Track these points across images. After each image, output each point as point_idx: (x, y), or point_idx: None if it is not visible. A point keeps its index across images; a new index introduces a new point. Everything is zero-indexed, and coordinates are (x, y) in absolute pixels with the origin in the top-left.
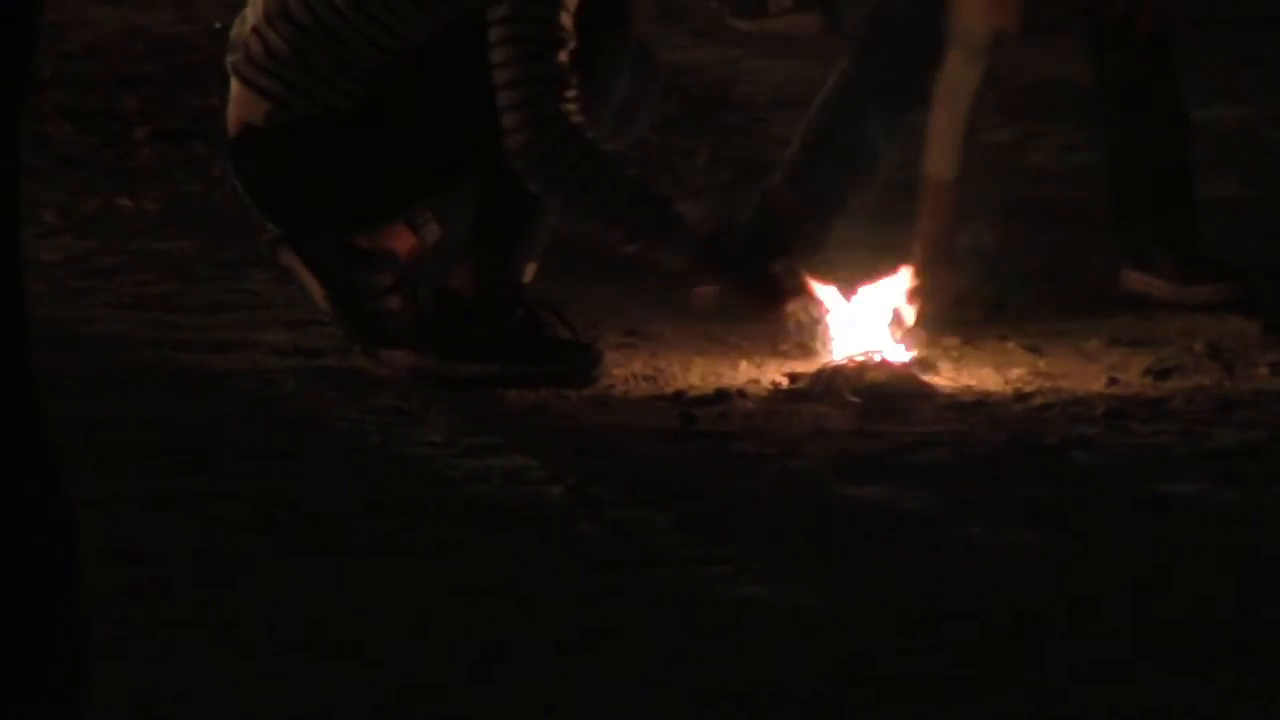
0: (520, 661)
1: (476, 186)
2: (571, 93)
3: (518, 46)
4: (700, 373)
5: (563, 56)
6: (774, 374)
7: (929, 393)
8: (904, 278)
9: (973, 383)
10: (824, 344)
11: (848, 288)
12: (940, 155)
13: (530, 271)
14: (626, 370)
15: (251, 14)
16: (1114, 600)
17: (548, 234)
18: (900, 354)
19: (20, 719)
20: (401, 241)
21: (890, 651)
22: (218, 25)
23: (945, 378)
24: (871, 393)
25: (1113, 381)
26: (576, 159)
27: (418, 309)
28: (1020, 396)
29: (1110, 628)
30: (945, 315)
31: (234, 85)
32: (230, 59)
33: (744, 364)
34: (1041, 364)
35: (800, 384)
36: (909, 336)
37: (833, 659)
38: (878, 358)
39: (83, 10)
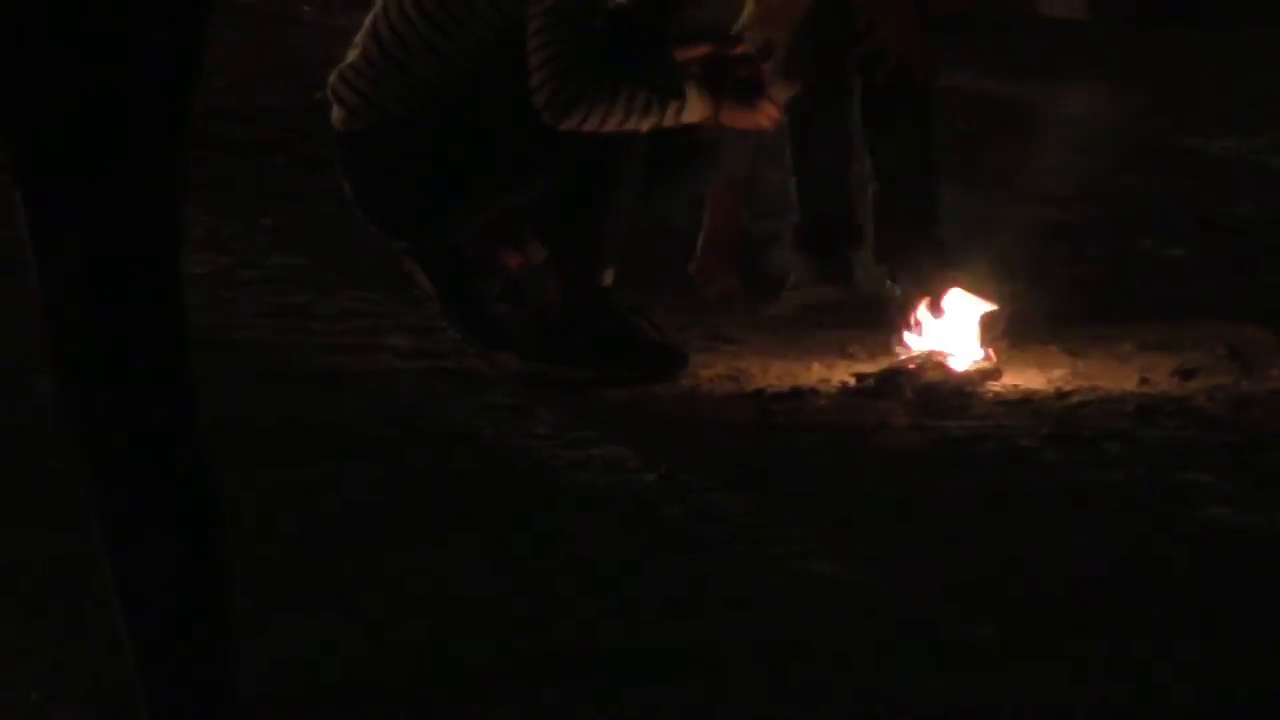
0: (620, 628)
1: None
2: (592, 59)
3: (549, 30)
4: (777, 373)
5: (591, 40)
6: (843, 374)
7: (979, 391)
8: (959, 293)
9: (1018, 382)
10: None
11: (907, 298)
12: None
13: (609, 276)
14: (711, 371)
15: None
16: (1144, 574)
17: (619, 240)
18: (955, 357)
19: (173, 678)
20: (509, 258)
21: (946, 620)
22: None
23: (994, 378)
24: (928, 391)
25: (1143, 381)
26: (596, 107)
27: (524, 317)
28: (1060, 394)
29: (1142, 599)
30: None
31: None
32: (330, 78)
33: (816, 365)
34: (1079, 366)
35: (866, 383)
36: (964, 342)
37: (894, 626)
38: (935, 360)
39: (229, 51)
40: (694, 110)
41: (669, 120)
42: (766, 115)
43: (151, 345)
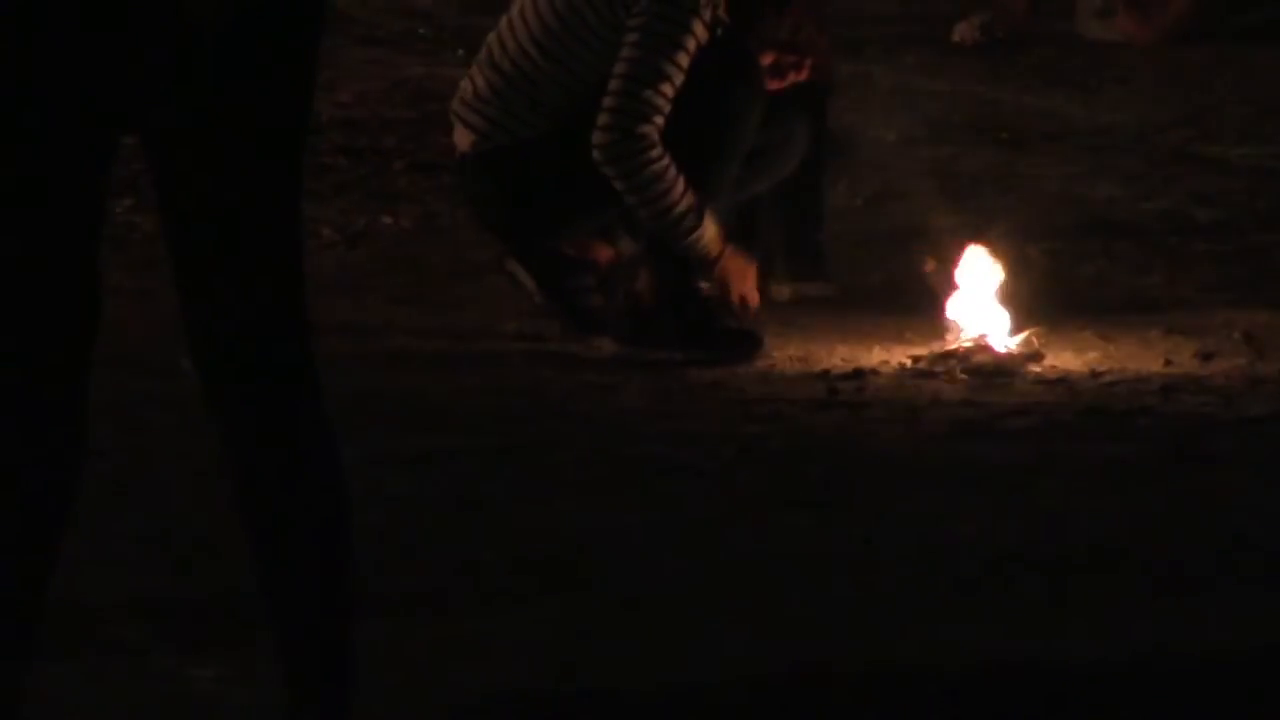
0: (704, 583)
1: None
2: (659, 119)
3: (633, 69)
4: (842, 355)
5: (666, 89)
6: (900, 356)
7: (1022, 371)
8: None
9: (1056, 363)
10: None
11: (957, 288)
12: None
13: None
14: (783, 353)
15: (473, 64)
16: (1172, 533)
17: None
18: (998, 339)
19: (302, 635)
20: (602, 253)
21: (996, 576)
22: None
23: (1035, 360)
24: (977, 371)
25: (1168, 363)
26: (638, 171)
27: (616, 305)
28: (1094, 374)
29: (1170, 557)
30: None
31: (454, 122)
32: (452, 101)
33: (876, 348)
34: (1111, 349)
35: (921, 364)
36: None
37: (947, 582)
38: (983, 344)
39: (353, 66)
40: (707, 245)
41: (677, 235)
42: (751, 295)
43: (289, 325)
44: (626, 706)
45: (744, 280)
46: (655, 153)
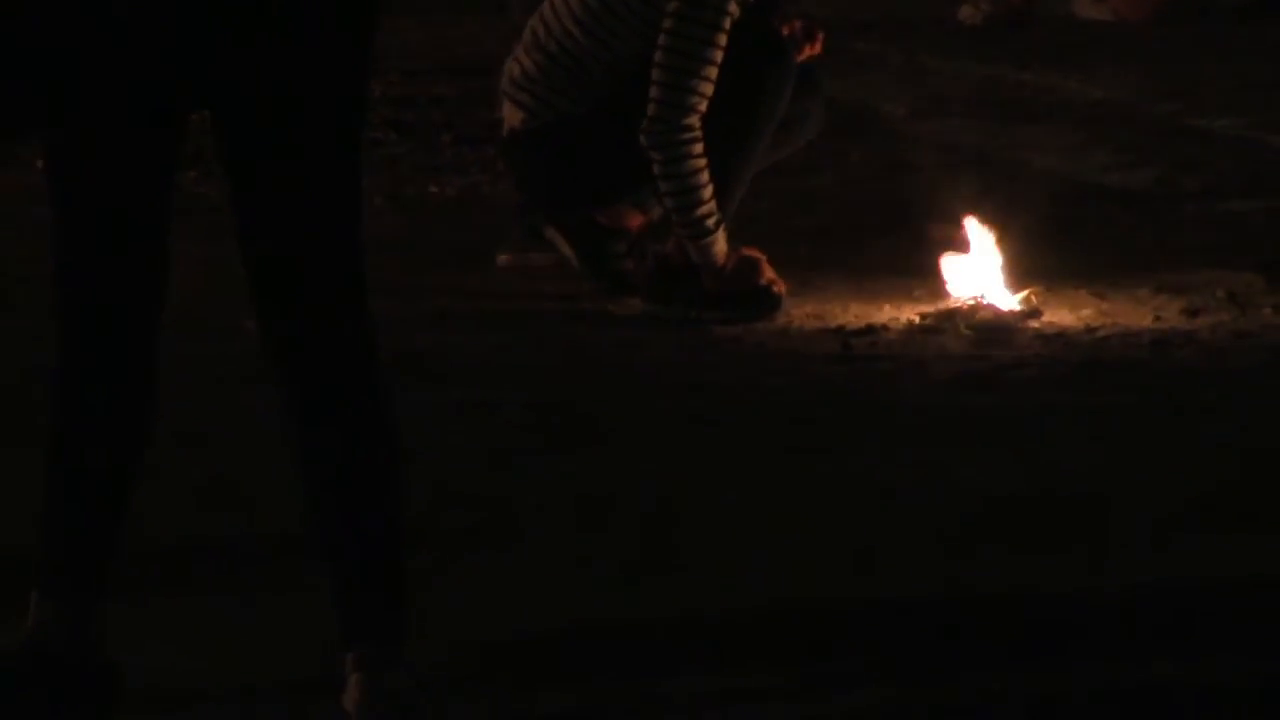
0: (734, 519)
1: None
2: (703, 108)
3: (675, 60)
4: (855, 312)
5: (708, 77)
6: (909, 313)
7: (1022, 327)
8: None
9: (1054, 320)
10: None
11: (961, 250)
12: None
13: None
14: (800, 311)
15: (517, 46)
16: (1162, 477)
17: (731, 211)
18: (1001, 298)
19: (355, 575)
20: (633, 220)
21: (996, 516)
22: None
23: (1034, 317)
24: (980, 327)
25: (1157, 319)
26: (681, 161)
27: (646, 268)
28: (1089, 330)
29: (1160, 498)
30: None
31: (504, 101)
32: (501, 82)
33: (887, 306)
34: (1104, 306)
35: (928, 321)
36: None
37: (954, 521)
38: (985, 302)
39: (402, 46)
40: (716, 253)
41: (696, 233)
42: (777, 281)
43: (349, 289)
44: (656, 638)
45: (763, 269)
46: (697, 148)
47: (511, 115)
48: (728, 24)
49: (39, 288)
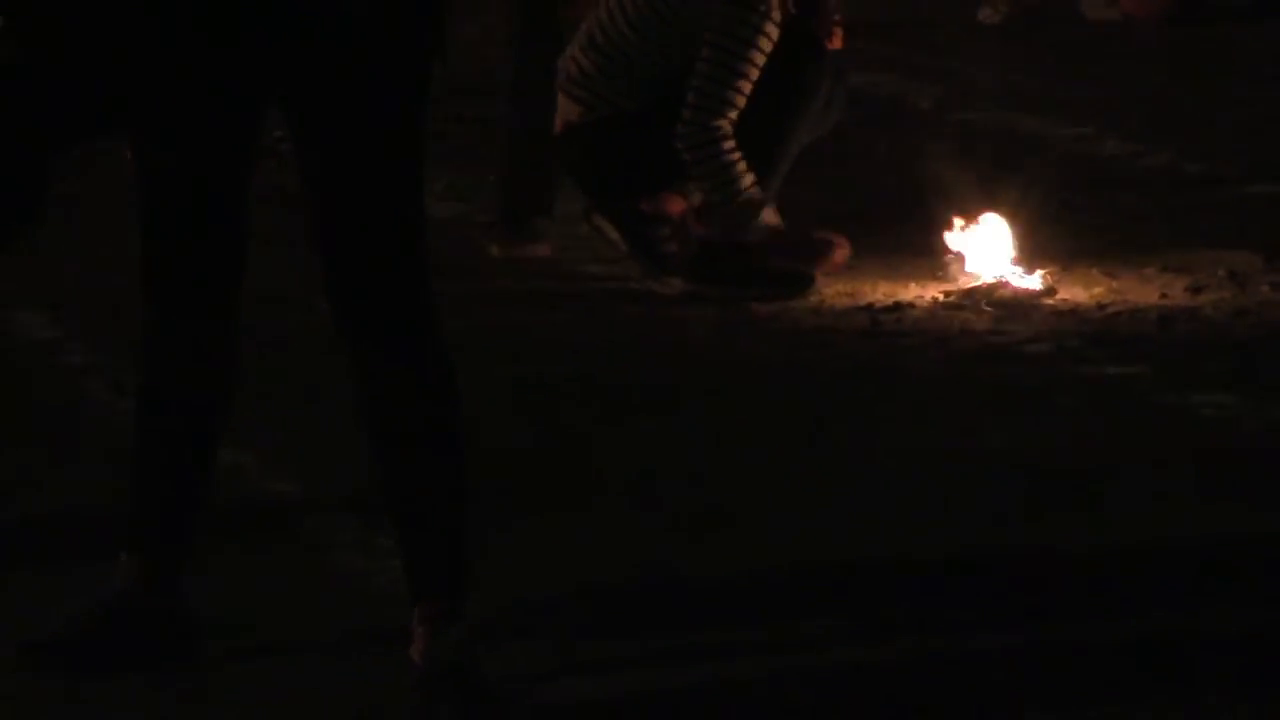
0: (765, 481)
1: None
2: (733, 114)
3: (713, 69)
4: (883, 291)
5: (743, 86)
6: (934, 292)
7: (1038, 304)
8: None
9: (1068, 297)
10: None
11: (982, 233)
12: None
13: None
14: (832, 289)
15: (572, 45)
16: (1169, 442)
17: (773, 199)
18: (1019, 277)
19: (420, 530)
20: (675, 205)
21: (1016, 479)
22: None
23: (1048, 295)
24: (1000, 304)
25: (1163, 296)
26: (711, 159)
27: (689, 250)
28: (1100, 306)
29: (1167, 461)
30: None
31: (560, 96)
32: (558, 79)
33: (913, 285)
34: (1114, 284)
35: (951, 298)
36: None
37: (976, 482)
38: (1004, 281)
39: (461, 45)
40: (765, 222)
41: (740, 217)
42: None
43: (413, 271)
44: (704, 594)
45: (827, 255)
46: (727, 144)
47: (568, 110)
48: (766, 45)
49: None
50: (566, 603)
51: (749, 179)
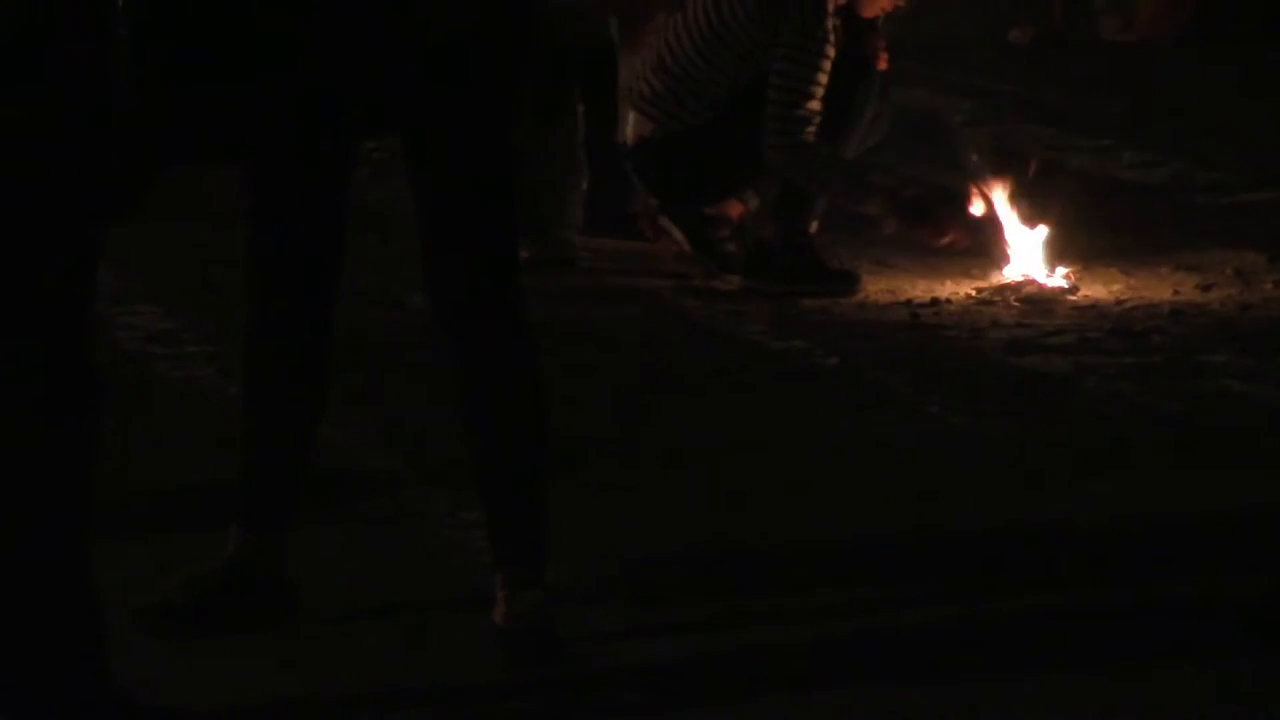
0: (815, 460)
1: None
2: (813, 127)
3: (784, 93)
4: (922, 287)
5: (816, 102)
6: (968, 288)
7: (1061, 300)
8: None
9: (1089, 293)
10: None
11: (1014, 236)
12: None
13: (814, 226)
14: (875, 287)
15: (642, 68)
16: (1182, 425)
17: (822, 205)
18: (1044, 276)
19: (507, 495)
20: (734, 208)
21: (1040, 459)
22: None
23: (1071, 291)
24: (1027, 300)
25: (1175, 292)
26: (810, 167)
27: (747, 250)
28: (1118, 301)
29: (1181, 442)
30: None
31: (632, 114)
32: (631, 97)
33: (948, 282)
34: (1131, 281)
35: (984, 294)
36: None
37: (1007, 462)
38: (1031, 278)
39: None
40: (876, 190)
41: (856, 197)
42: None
43: (505, 269)
44: (766, 558)
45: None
46: (822, 150)
47: (641, 126)
48: (830, 55)
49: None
50: (633, 570)
51: (842, 164)
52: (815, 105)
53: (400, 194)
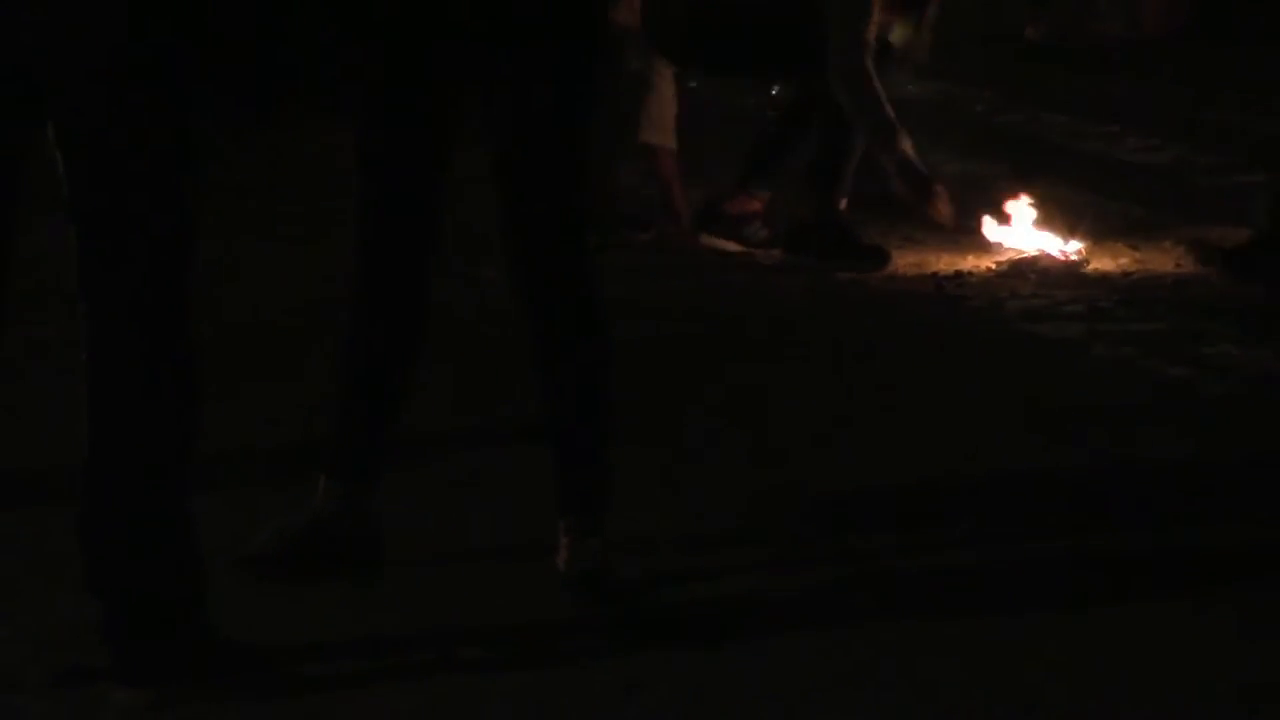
0: (847, 415)
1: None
2: (870, 53)
3: (843, 26)
4: (946, 261)
5: (871, 29)
6: (988, 261)
7: (1074, 272)
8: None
9: (1098, 266)
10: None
11: (1030, 214)
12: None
13: (844, 203)
14: (903, 260)
15: None
16: (1185, 387)
17: (851, 183)
18: (1058, 251)
19: (575, 456)
20: (754, 205)
21: (1055, 416)
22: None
23: (1083, 264)
24: (1042, 272)
25: (1178, 265)
26: (863, 97)
27: (779, 231)
28: (1125, 274)
29: (1186, 402)
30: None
31: None
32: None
33: (970, 256)
34: (1137, 255)
35: (1003, 268)
36: (1063, 240)
37: (1025, 422)
38: (1046, 252)
39: None
40: (909, 156)
41: (889, 148)
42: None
43: (574, 232)
44: (809, 506)
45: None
46: (875, 82)
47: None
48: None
49: None
50: (687, 518)
51: (893, 119)
52: (871, 35)
53: (476, 167)
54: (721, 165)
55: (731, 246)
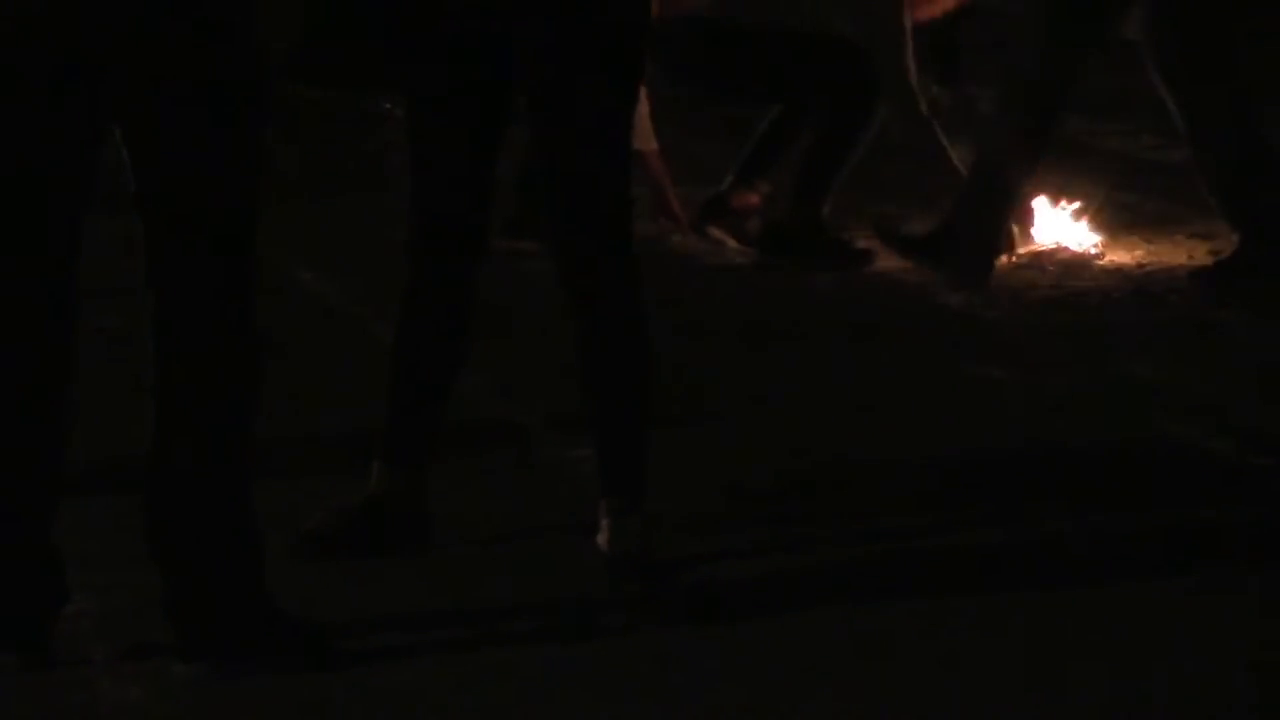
0: (862, 399)
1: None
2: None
3: (888, 66)
4: None
5: (908, 50)
6: (1008, 254)
7: (1090, 264)
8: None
9: (1114, 258)
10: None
11: (1046, 208)
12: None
13: (827, 204)
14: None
15: None
16: (1199, 373)
17: (836, 187)
18: (1075, 244)
19: (614, 452)
20: (751, 199)
21: (1072, 402)
22: None
23: (1098, 257)
24: (1060, 264)
25: (1190, 257)
26: (923, 144)
27: (769, 229)
28: (1139, 265)
29: (1199, 387)
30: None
31: None
32: None
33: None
34: (1150, 248)
35: (1021, 260)
36: (1081, 232)
37: (1045, 405)
38: (1063, 245)
39: None
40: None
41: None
42: None
43: (619, 210)
44: (838, 486)
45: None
46: (934, 128)
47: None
48: None
49: None
50: (723, 498)
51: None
52: (910, 54)
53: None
54: (721, 165)
55: (731, 243)
